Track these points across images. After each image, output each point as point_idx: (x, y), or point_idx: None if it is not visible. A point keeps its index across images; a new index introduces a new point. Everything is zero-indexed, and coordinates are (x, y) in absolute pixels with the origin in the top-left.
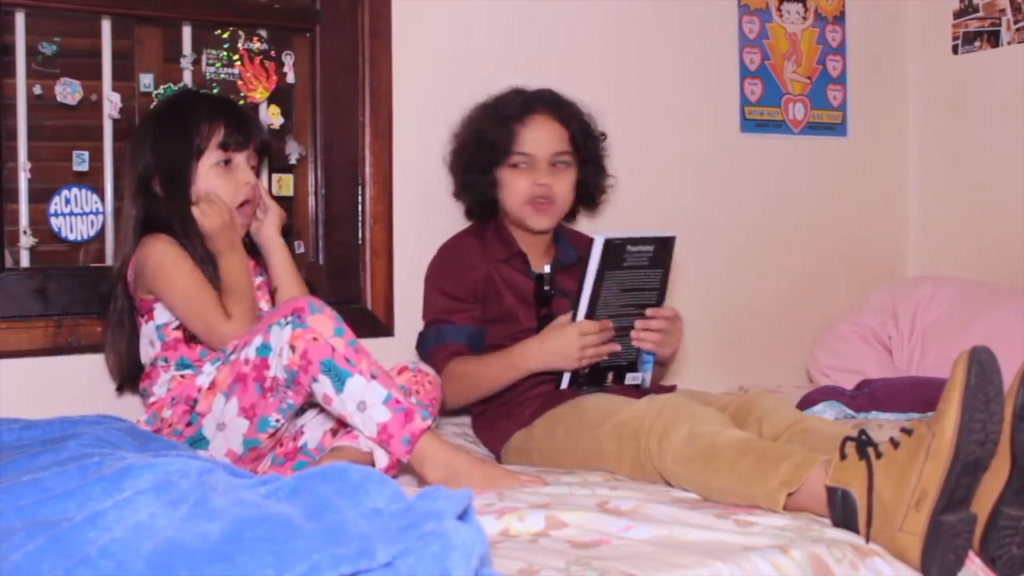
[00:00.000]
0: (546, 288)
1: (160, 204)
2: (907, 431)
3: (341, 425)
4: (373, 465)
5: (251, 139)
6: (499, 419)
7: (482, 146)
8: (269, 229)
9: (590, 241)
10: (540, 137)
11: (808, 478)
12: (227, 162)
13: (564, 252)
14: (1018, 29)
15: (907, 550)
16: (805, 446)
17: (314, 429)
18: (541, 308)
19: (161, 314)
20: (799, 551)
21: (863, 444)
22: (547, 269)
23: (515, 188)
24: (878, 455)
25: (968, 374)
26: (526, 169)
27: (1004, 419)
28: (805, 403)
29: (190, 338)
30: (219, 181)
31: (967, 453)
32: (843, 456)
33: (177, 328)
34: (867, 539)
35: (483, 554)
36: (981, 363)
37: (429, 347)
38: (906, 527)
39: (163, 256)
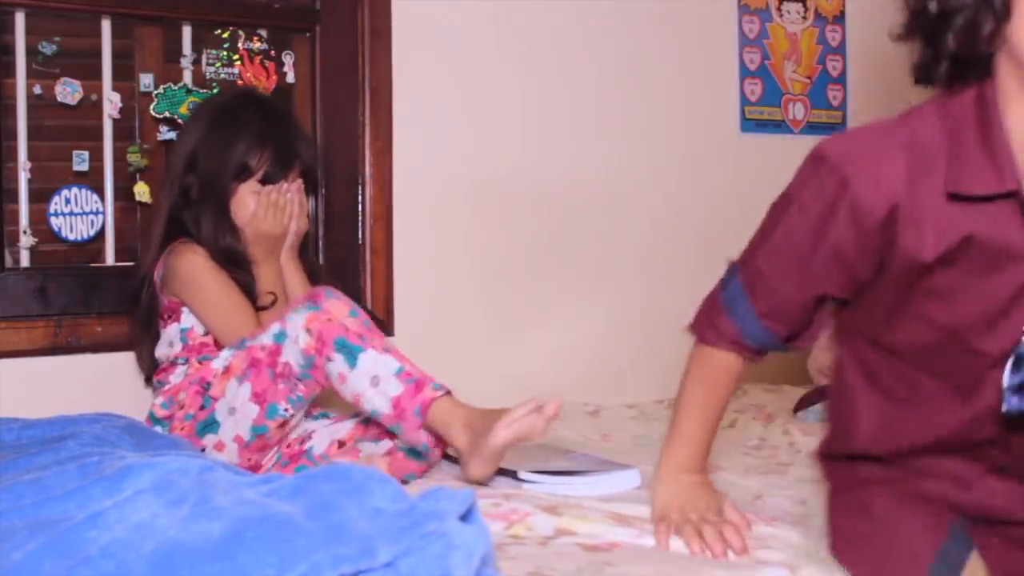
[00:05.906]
0: None
1: (192, 206)
2: None
3: (349, 439)
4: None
5: (292, 169)
6: None
7: None
8: (284, 254)
9: None
10: None
11: None
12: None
13: None
14: None
15: None
16: None
17: (322, 437)
18: None
19: (188, 318)
20: (810, 568)
21: None
22: None
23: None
24: None
25: None
26: None
27: None
28: (804, 403)
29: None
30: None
31: None
32: None
33: (205, 335)
34: None
35: (485, 554)
36: None
37: (705, 313)
38: None
39: (195, 268)
